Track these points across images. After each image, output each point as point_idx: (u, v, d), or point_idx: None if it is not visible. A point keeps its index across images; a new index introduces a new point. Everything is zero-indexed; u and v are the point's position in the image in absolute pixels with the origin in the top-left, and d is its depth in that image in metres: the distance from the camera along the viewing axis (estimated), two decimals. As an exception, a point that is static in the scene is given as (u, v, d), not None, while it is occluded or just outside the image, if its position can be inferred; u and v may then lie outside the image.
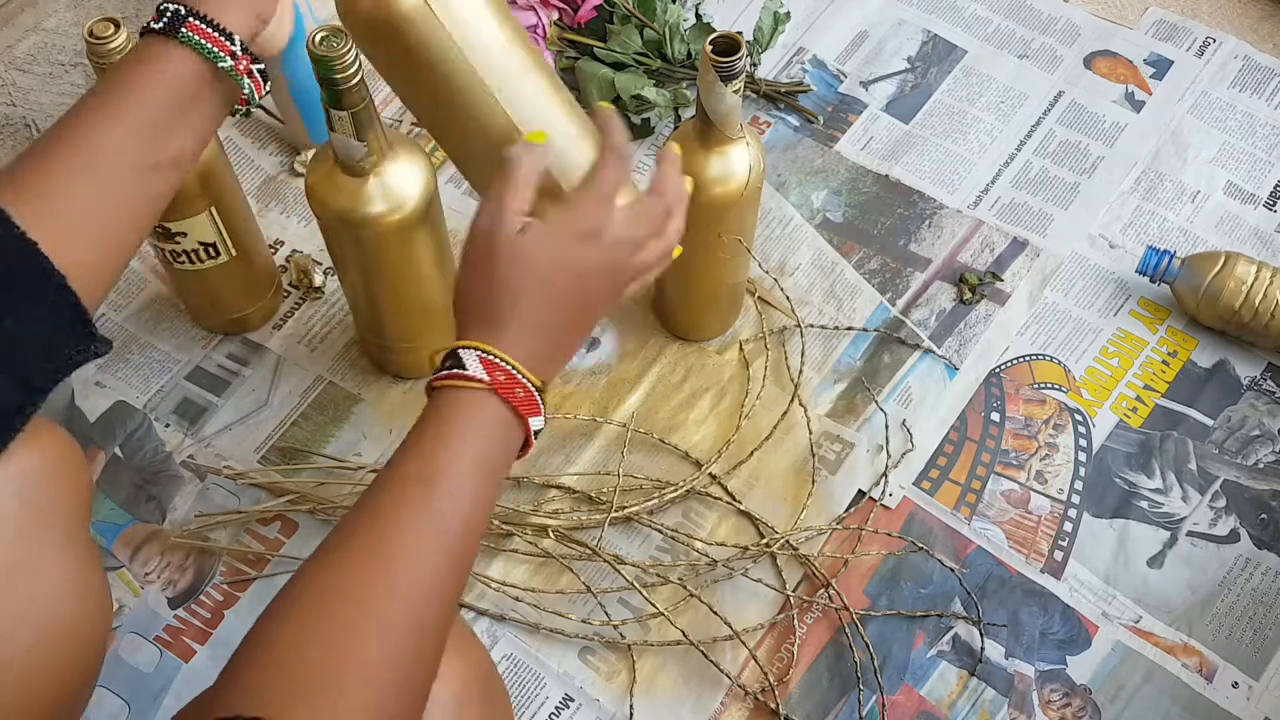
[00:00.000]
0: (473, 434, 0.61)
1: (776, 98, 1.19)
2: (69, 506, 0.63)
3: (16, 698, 0.58)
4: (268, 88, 0.72)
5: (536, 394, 0.64)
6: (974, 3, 1.26)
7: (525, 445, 0.65)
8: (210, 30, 0.67)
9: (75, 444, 0.65)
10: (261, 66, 0.71)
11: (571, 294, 0.66)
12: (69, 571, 0.62)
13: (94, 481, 0.97)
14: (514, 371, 0.63)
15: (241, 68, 0.69)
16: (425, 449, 0.60)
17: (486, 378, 0.62)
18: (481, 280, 0.65)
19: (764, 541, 0.95)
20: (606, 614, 0.92)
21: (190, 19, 0.66)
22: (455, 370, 0.62)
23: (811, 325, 1.06)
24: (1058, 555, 0.96)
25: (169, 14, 0.67)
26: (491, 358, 0.63)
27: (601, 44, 1.16)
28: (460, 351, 0.63)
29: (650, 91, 1.13)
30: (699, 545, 0.95)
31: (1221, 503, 0.98)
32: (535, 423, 0.64)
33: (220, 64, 0.67)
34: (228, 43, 0.68)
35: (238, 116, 0.74)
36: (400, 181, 0.84)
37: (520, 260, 0.65)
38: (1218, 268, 1.02)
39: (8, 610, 0.58)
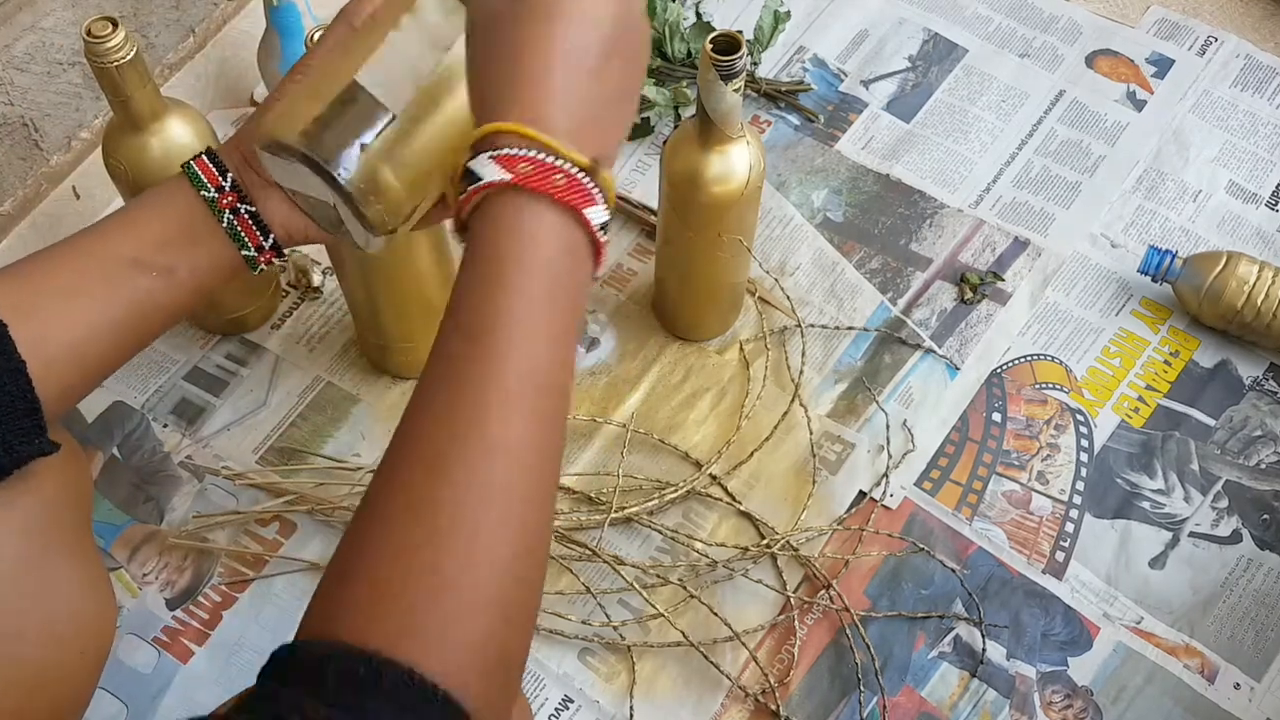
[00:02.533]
0: (511, 261, 0.49)
1: (777, 97, 1.18)
2: (74, 507, 0.62)
3: (22, 700, 0.58)
4: (270, 243, 0.66)
5: (584, 176, 0.50)
6: (975, 1, 1.26)
7: (596, 250, 0.52)
8: (209, 163, 0.65)
9: (77, 445, 0.65)
10: (254, 209, 0.65)
11: (598, 54, 0.52)
12: (75, 573, 0.61)
13: (93, 482, 0.97)
14: (541, 157, 0.49)
15: (225, 202, 0.65)
16: (467, 302, 0.50)
17: (506, 175, 0.49)
18: (495, 46, 0.52)
19: (764, 542, 0.94)
20: (606, 615, 0.91)
21: (201, 156, 0.65)
22: (471, 186, 0.50)
23: (812, 325, 1.05)
24: (1059, 556, 0.95)
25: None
26: (507, 152, 0.49)
27: (601, 43, 1.15)
28: (471, 162, 0.50)
29: (650, 90, 1.13)
30: (699, 546, 0.94)
31: (1223, 503, 0.98)
32: (594, 214, 0.51)
33: (204, 193, 0.64)
34: (218, 176, 0.65)
35: (257, 271, 0.69)
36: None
37: (532, 21, 0.51)
38: (1219, 267, 1.02)
39: (15, 611, 0.58)
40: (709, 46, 0.80)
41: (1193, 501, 0.98)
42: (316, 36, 0.75)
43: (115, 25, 0.80)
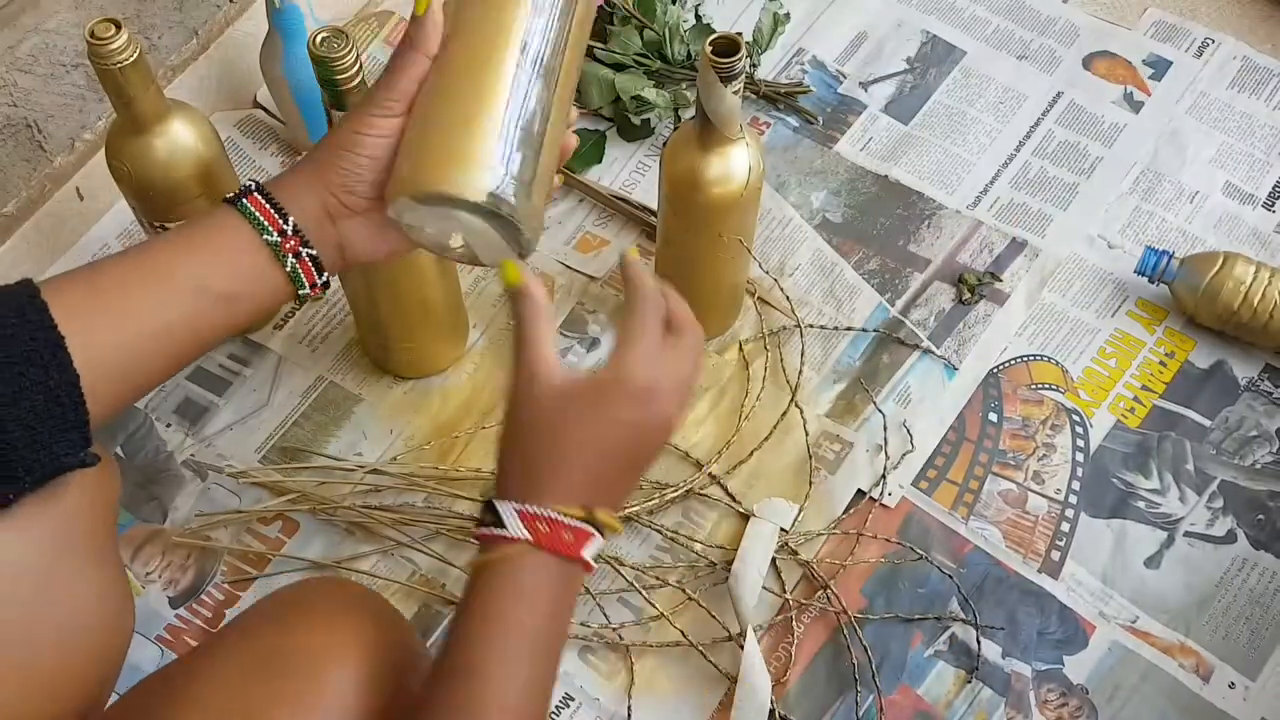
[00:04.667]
0: (512, 619, 0.60)
1: (776, 98, 1.19)
2: (102, 515, 0.63)
3: (40, 704, 0.58)
4: (323, 279, 0.67)
5: (586, 525, 0.62)
6: (973, 3, 1.26)
7: (587, 567, 0.63)
8: (266, 204, 0.65)
9: (109, 453, 0.65)
10: (314, 253, 0.66)
11: (623, 451, 0.63)
12: (98, 580, 0.62)
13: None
14: (557, 517, 0.61)
15: (288, 246, 0.65)
16: (474, 634, 0.60)
17: (527, 534, 0.60)
18: (525, 439, 0.63)
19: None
20: (605, 616, 0.92)
21: (254, 193, 0.65)
22: (495, 531, 0.61)
23: (811, 325, 1.06)
24: (1055, 555, 0.96)
25: (240, 189, 0.66)
26: (530, 510, 0.61)
27: (601, 45, 1.16)
28: (497, 505, 0.61)
29: (650, 92, 1.13)
30: (698, 547, 0.95)
31: (1219, 503, 0.98)
32: (590, 550, 0.62)
33: (266, 237, 0.64)
34: (279, 219, 0.65)
35: (302, 304, 0.70)
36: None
37: (565, 420, 0.62)
38: (1216, 268, 1.02)
39: (38, 616, 0.58)
40: (708, 49, 0.80)
41: (1188, 501, 0.98)
42: (319, 39, 0.75)
43: (119, 27, 0.80)
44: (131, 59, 0.81)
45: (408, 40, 0.65)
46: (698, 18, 1.22)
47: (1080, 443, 1.01)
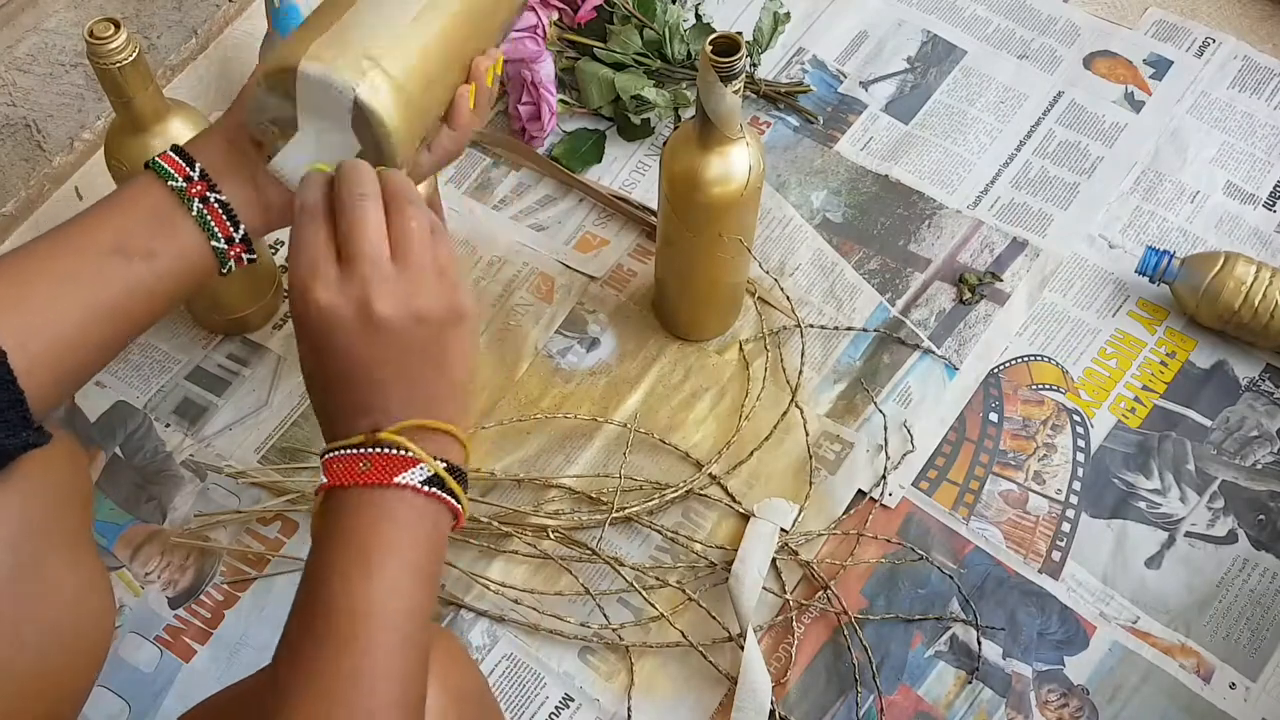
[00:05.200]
0: (345, 547, 0.56)
1: (776, 98, 1.19)
2: (73, 507, 0.62)
3: (17, 703, 0.58)
4: (240, 234, 0.66)
5: (386, 449, 0.57)
6: (974, 3, 1.26)
7: (455, 496, 0.58)
8: (174, 156, 0.65)
9: (78, 444, 0.65)
10: (224, 199, 0.65)
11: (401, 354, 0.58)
12: (73, 574, 0.61)
13: (94, 481, 0.97)
14: (346, 451, 0.57)
15: (194, 191, 0.64)
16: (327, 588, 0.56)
17: (324, 478, 0.57)
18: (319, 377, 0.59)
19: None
20: (605, 617, 0.92)
21: (167, 151, 0.65)
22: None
23: (811, 325, 1.06)
24: (1055, 555, 0.96)
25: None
26: (328, 454, 0.57)
27: (601, 44, 1.16)
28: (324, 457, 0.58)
29: (650, 92, 1.13)
30: (698, 547, 0.95)
31: (1219, 503, 0.98)
32: (411, 476, 0.56)
33: (171, 183, 0.64)
34: (185, 166, 0.65)
35: (227, 270, 0.68)
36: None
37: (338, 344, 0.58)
38: (1217, 268, 1.02)
39: (13, 613, 0.58)
40: (709, 48, 0.80)
41: (1189, 501, 0.98)
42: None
43: (117, 27, 0.80)
44: (130, 58, 0.81)
45: None
46: (698, 17, 1.22)
47: (1081, 443, 1.01)
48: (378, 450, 0.57)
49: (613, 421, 1.01)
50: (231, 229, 0.66)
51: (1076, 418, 1.02)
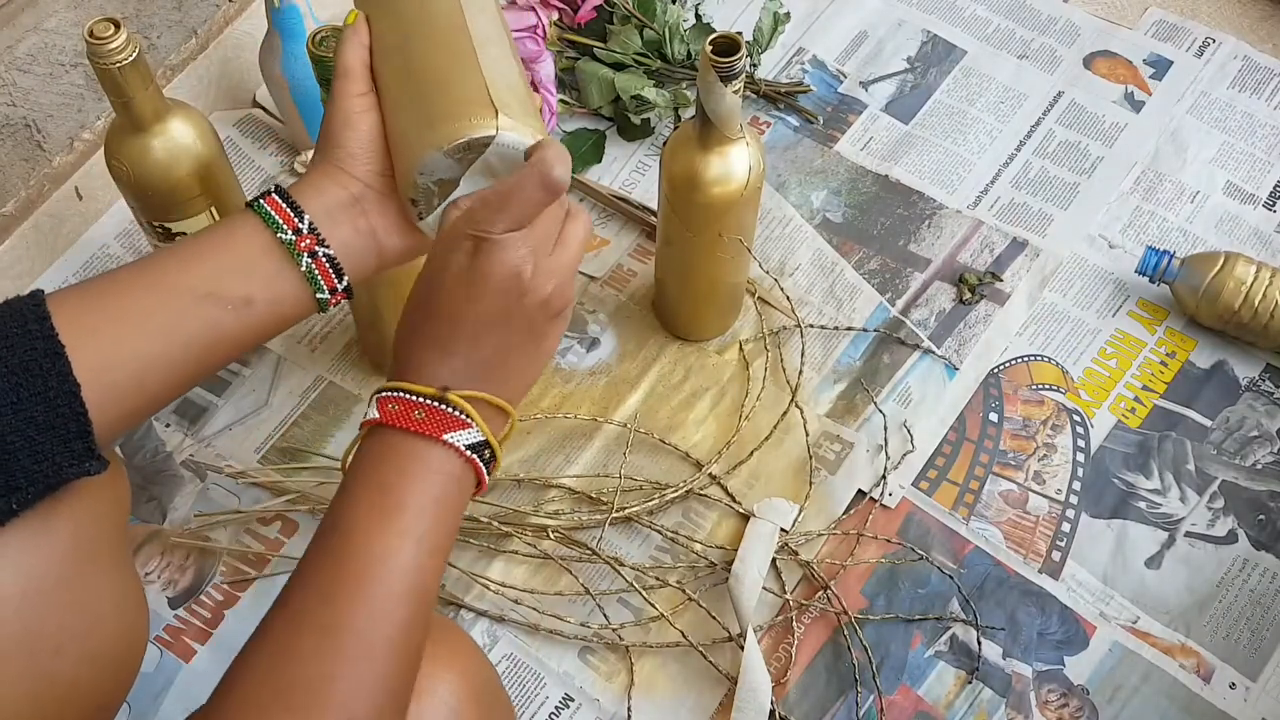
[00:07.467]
0: (392, 490, 0.57)
1: (776, 98, 1.19)
2: (116, 524, 0.63)
3: (57, 708, 0.58)
4: (344, 284, 0.66)
5: (446, 407, 0.58)
6: (974, 3, 1.26)
7: (487, 468, 0.60)
8: (281, 203, 0.64)
9: (120, 460, 0.65)
10: (332, 253, 0.64)
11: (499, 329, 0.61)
12: (113, 588, 0.62)
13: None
14: (408, 395, 0.58)
15: (303, 245, 0.63)
16: (344, 524, 0.58)
17: (376, 414, 0.58)
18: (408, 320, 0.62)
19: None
20: (605, 617, 0.92)
21: (272, 194, 0.64)
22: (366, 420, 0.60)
23: (811, 325, 1.06)
24: (1055, 555, 0.96)
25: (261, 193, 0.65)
26: (386, 393, 0.59)
27: (601, 44, 1.16)
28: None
29: (650, 91, 1.13)
30: (698, 547, 0.95)
31: (1219, 503, 0.98)
32: (459, 438, 0.58)
33: (280, 235, 0.63)
34: (294, 217, 0.64)
35: (324, 311, 0.68)
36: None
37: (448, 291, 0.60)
38: (1217, 268, 1.02)
39: (58, 625, 0.58)
40: (708, 48, 0.80)
41: (1189, 502, 0.98)
42: (319, 39, 0.75)
43: (117, 27, 0.80)
44: (130, 58, 0.81)
45: (340, 86, 0.67)
46: (698, 17, 1.22)
47: (1081, 443, 1.01)
48: (438, 405, 0.58)
49: (613, 421, 1.01)
50: (336, 280, 0.65)
51: (1076, 418, 1.02)
